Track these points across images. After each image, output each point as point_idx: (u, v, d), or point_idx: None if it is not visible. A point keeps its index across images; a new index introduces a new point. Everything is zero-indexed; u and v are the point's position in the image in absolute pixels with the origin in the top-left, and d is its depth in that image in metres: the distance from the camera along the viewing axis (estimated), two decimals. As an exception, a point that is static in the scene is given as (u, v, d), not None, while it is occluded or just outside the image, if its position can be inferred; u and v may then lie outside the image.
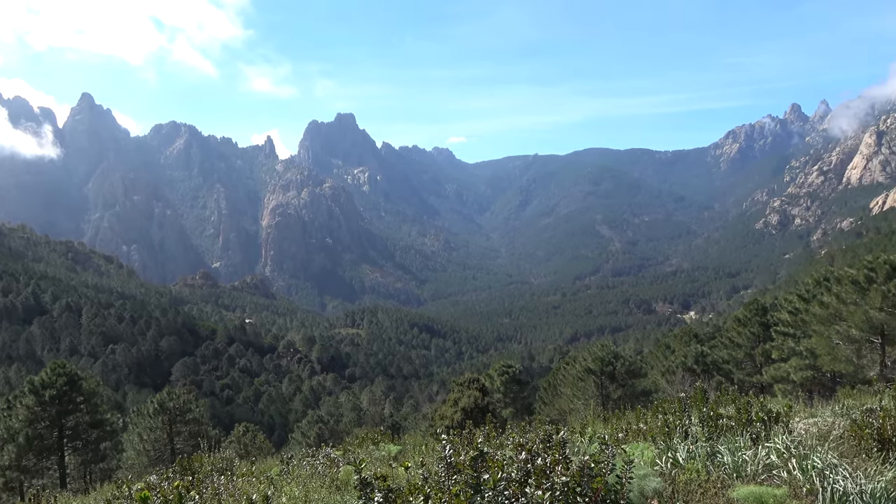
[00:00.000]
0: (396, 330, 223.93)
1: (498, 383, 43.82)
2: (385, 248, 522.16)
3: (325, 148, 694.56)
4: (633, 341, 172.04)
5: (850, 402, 11.16)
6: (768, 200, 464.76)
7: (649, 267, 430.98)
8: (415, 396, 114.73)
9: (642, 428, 8.74)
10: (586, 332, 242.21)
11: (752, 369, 36.44)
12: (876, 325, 25.23)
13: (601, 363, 36.57)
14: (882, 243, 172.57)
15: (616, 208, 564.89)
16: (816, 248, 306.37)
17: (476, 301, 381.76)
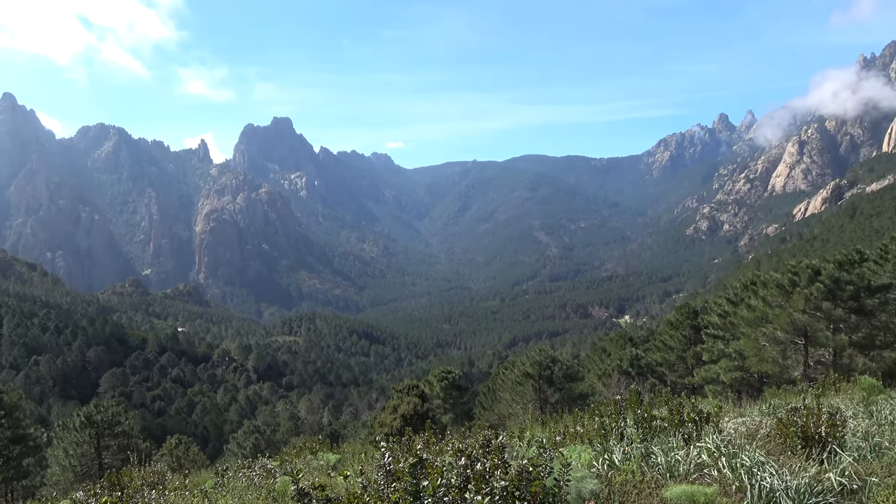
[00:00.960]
0: (335, 337, 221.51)
1: (437, 389, 43.78)
2: (323, 254, 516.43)
3: (261, 152, 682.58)
4: (571, 345, 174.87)
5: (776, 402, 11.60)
6: (698, 207, 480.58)
7: (586, 272, 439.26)
8: (354, 404, 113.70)
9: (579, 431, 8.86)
10: (525, 336, 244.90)
11: (685, 371, 37.51)
12: (799, 326, 26.33)
13: (539, 367, 36.97)
14: (804, 248, 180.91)
15: (553, 214, 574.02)
16: (744, 253, 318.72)
17: (416, 307, 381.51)
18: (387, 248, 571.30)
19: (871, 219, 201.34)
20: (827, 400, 10.84)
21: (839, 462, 6.03)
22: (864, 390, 11.74)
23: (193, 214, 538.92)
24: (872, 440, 7.13)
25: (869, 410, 9.38)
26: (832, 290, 25.89)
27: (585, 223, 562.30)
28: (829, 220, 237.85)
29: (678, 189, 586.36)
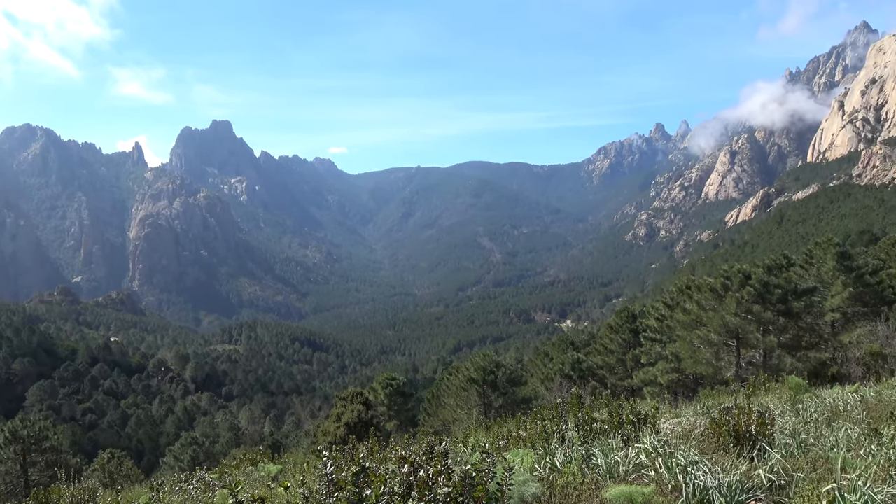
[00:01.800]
0: (277, 345, 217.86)
1: (382, 396, 43.54)
2: (264, 260, 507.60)
3: (199, 156, 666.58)
4: (514, 350, 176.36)
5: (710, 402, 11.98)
6: (636, 213, 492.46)
7: (528, 277, 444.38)
8: (297, 413, 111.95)
9: (522, 435, 8.97)
10: (469, 342, 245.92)
11: (624, 374, 38.34)
12: (732, 329, 27.27)
13: (483, 372, 37.19)
14: (736, 254, 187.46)
15: (497, 220, 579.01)
16: (679, 259, 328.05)
17: (360, 313, 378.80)
18: (330, 254, 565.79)
19: (797, 225, 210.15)
20: (757, 399, 11.26)
21: (768, 459, 6.28)
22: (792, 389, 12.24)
23: (127, 220, 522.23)
24: (799, 437, 7.45)
25: (796, 409, 9.78)
26: (762, 294, 26.90)
27: (528, 229, 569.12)
28: (759, 226, 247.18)
29: (617, 196, 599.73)
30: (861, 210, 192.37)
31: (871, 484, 5.23)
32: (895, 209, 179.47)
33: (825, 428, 8.10)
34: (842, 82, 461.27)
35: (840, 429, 7.73)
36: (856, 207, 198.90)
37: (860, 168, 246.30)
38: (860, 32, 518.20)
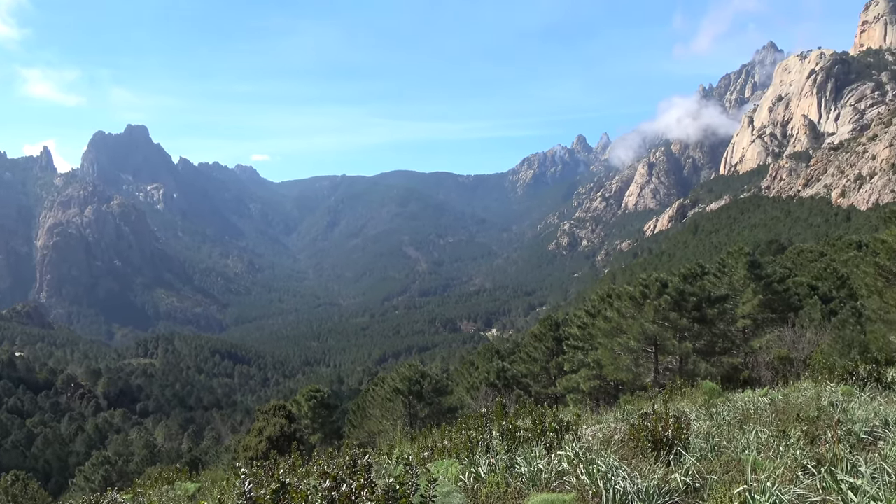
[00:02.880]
0: (196, 358, 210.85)
1: (306, 409, 42.75)
2: (183, 270, 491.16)
3: (113, 162, 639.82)
4: (440, 359, 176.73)
5: (630, 408, 12.29)
6: (559, 223, 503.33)
7: (454, 287, 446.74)
8: (217, 428, 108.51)
9: (447, 445, 8.94)
10: (395, 352, 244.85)
11: (548, 381, 38.92)
12: (650, 336, 28.12)
13: (409, 383, 37.03)
14: (654, 263, 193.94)
15: (422, 230, 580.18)
16: (601, 268, 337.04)
17: (283, 324, 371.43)
18: (252, 263, 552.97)
19: (710, 235, 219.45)
20: (674, 405, 11.63)
21: (684, 463, 6.46)
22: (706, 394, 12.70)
23: (34, 228, 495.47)
24: (713, 440, 7.72)
25: (710, 412, 10.14)
26: (678, 302, 27.88)
27: (454, 239, 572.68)
28: (676, 236, 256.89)
29: (541, 206, 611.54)
30: (769, 221, 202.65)
31: (778, 484, 5.46)
32: (800, 220, 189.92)
33: (737, 431, 8.42)
34: (751, 99, 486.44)
35: (751, 431, 8.05)
36: (765, 218, 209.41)
37: (768, 181, 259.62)
38: (768, 52, 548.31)
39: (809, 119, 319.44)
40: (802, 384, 13.70)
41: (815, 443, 7.23)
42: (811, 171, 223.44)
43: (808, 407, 9.62)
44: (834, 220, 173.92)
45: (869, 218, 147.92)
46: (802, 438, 7.34)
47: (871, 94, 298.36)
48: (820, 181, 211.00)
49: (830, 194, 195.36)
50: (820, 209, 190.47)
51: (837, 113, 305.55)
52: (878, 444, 7.43)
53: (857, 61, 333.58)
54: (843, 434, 7.40)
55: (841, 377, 12.35)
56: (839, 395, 10.84)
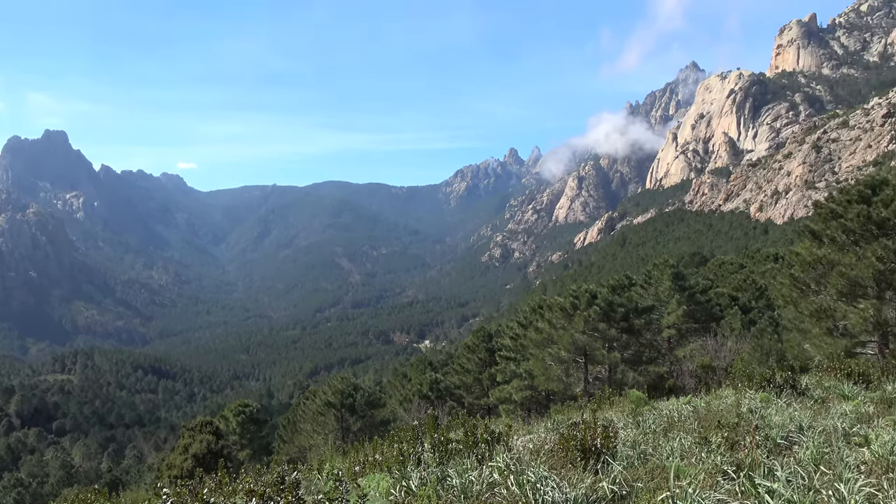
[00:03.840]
0: (117, 373, 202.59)
1: (234, 424, 41.68)
2: (104, 282, 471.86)
3: (29, 168, 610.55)
4: (373, 372, 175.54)
5: (560, 418, 12.46)
6: (492, 235, 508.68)
7: (387, 298, 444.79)
8: (139, 446, 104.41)
9: (378, 459, 8.86)
10: (327, 365, 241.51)
11: (481, 392, 39.13)
12: (580, 346, 28.65)
13: (341, 396, 36.60)
14: (584, 274, 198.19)
15: (355, 241, 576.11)
16: (532, 279, 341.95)
17: (210, 338, 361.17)
18: (178, 275, 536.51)
19: (637, 247, 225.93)
20: (602, 413, 11.87)
21: (611, 471, 6.59)
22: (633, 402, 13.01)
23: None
24: (639, 448, 7.91)
25: (637, 421, 10.38)
26: (607, 313, 28.53)
27: (387, 250, 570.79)
28: (605, 248, 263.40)
29: (474, 218, 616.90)
30: (693, 234, 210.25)
31: (700, 490, 5.64)
32: (722, 233, 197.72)
33: (662, 438, 8.64)
34: (675, 116, 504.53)
35: (675, 438, 8.28)
36: (688, 231, 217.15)
37: (692, 195, 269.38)
38: (690, 71, 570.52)
39: (729, 136, 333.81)
40: (723, 391, 14.20)
41: (734, 448, 7.50)
42: (731, 187, 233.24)
43: (728, 414, 9.98)
44: (752, 234, 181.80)
45: (785, 231, 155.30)
46: (723, 444, 7.60)
47: (786, 113, 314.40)
48: (740, 196, 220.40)
49: (749, 209, 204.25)
50: (740, 223, 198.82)
51: (755, 131, 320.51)
52: (793, 448, 7.77)
53: (773, 82, 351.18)
54: (760, 439, 7.70)
55: (759, 384, 12.85)
56: (758, 401, 11.29)
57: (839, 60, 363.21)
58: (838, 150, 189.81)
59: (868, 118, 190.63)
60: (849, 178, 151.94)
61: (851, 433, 8.50)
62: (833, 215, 20.90)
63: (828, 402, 11.47)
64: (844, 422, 9.02)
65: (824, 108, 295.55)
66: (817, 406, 11.04)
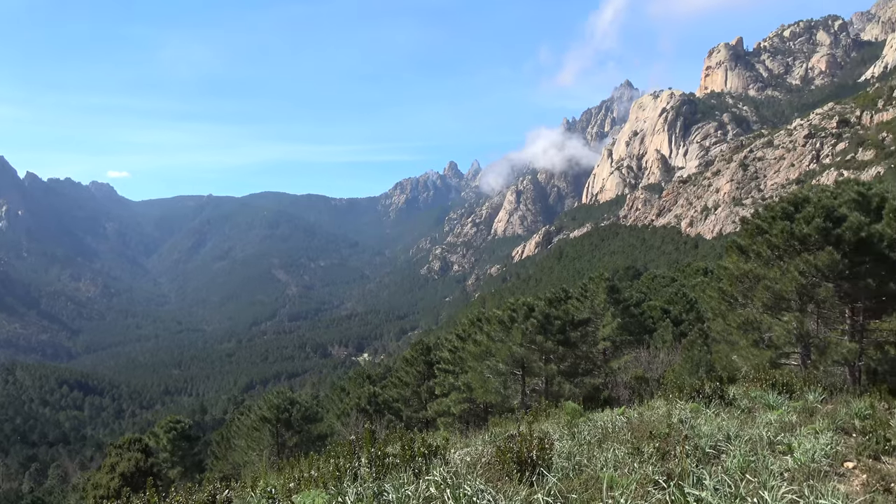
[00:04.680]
0: (40, 389, 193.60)
1: (164, 441, 40.36)
2: (27, 294, 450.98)
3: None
4: (310, 385, 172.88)
5: (497, 430, 12.53)
6: (431, 248, 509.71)
7: (326, 311, 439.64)
8: (63, 466, 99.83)
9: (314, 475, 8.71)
10: (263, 379, 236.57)
11: (419, 406, 39.02)
12: (518, 358, 28.93)
13: (277, 410, 35.87)
14: (522, 287, 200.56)
15: (293, 253, 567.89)
16: (471, 292, 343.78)
17: (140, 352, 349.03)
18: (107, 287, 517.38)
19: (574, 261, 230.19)
20: (539, 426, 11.99)
21: (546, 483, 6.66)
22: (569, 414, 13.19)
23: None
24: (574, 459, 8.01)
25: (572, 432, 10.52)
26: (544, 325, 28.90)
27: (325, 262, 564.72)
28: (542, 261, 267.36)
29: (413, 231, 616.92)
30: (627, 248, 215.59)
31: (631, 500, 5.75)
32: (654, 247, 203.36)
33: (597, 449, 8.79)
34: (610, 133, 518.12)
35: (609, 449, 8.43)
36: (623, 245, 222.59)
37: (626, 210, 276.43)
38: (625, 89, 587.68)
39: (662, 154, 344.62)
40: (656, 402, 14.54)
41: (665, 458, 7.69)
42: (663, 203, 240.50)
43: (660, 424, 10.22)
44: (683, 248, 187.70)
45: (714, 246, 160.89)
46: (655, 454, 7.79)
47: (714, 132, 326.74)
48: (671, 212, 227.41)
49: (680, 224, 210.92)
50: (671, 237, 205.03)
51: (686, 149, 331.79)
52: (720, 457, 8.02)
53: (703, 102, 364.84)
54: (690, 449, 7.92)
55: (689, 395, 13.22)
56: (688, 412, 11.61)
57: (764, 83, 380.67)
58: (764, 168, 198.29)
59: (791, 138, 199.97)
60: (773, 195, 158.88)
61: (776, 442, 8.83)
62: (759, 231, 21.75)
63: (754, 412, 11.89)
64: (769, 431, 9.36)
65: (750, 128, 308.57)
66: (744, 416, 11.42)
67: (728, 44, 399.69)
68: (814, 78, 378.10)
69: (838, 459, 8.30)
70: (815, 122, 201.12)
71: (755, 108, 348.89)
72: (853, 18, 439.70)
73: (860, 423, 10.03)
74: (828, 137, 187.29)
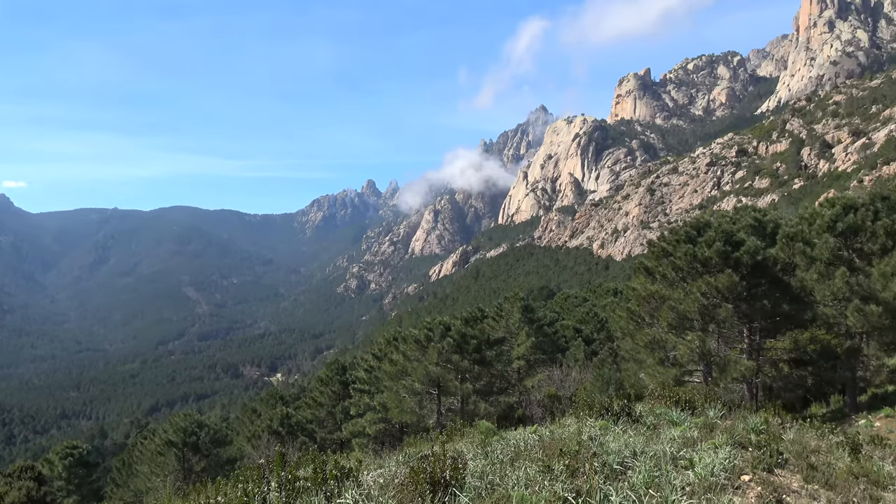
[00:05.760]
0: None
1: (60, 468, 38.06)
2: None
3: None
4: (220, 407, 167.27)
5: (411, 450, 12.46)
6: (348, 266, 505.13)
7: (238, 330, 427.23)
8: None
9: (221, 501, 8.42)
10: (169, 401, 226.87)
11: (334, 427, 38.40)
12: (434, 378, 28.96)
13: (184, 434, 34.51)
14: (439, 306, 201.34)
15: (204, 270, 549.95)
16: (388, 311, 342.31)
17: (35, 373, 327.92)
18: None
19: (490, 280, 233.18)
20: (453, 445, 12.02)
21: (459, 502, 6.68)
22: (483, 433, 13.28)
23: None
24: (487, 479, 8.08)
25: (485, 451, 10.60)
26: (460, 344, 29.11)
27: (239, 280, 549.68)
28: (459, 281, 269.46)
29: (330, 248, 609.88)
30: (541, 268, 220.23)
31: (542, 518, 5.85)
32: (567, 268, 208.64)
33: (509, 468, 8.88)
34: (526, 156, 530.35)
35: (521, 468, 8.54)
36: (537, 266, 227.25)
37: (540, 231, 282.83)
38: (540, 113, 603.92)
39: (575, 177, 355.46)
40: (567, 420, 14.83)
41: (575, 475, 7.86)
42: (576, 224, 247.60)
43: (570, 442, 10.44)
44: (595, 269, 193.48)
45: (623, 267, 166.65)
46: (565, 472, 7.94)
47: (624, 158, 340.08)
48: (584, 233, 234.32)
49: (592, 245, 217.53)
50: (584, 258, 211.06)
51: (598, 173, 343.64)
52: (627, 473, 8.26)
53: (614, 129, 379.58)
54: (598, 466, 8.12)
55: (599, 412, 13.56)
56: (597, 429, 11.90)
57: (670, 112, 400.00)
58: (669, 193, 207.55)
59: (694, 165, 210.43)
60: (678, 219, 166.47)
61: (678, 457, 9.17)
62: (664, 254, 22.72)
63: (659, 428, 12.31)
64: (672, 446, 9.71)
65: (657, 155, 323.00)
66: (650, 432, 11.81)
67: (637, 74, 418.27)
68: (715, 109, 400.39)
69: (735, 473, 8.71)
70: (716, 151, 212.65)
71: (662, 136, 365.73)
72: (750, 55, 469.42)
73: (756, 438, 10.55)
74: (728, 166, 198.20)
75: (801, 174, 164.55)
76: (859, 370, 22.98)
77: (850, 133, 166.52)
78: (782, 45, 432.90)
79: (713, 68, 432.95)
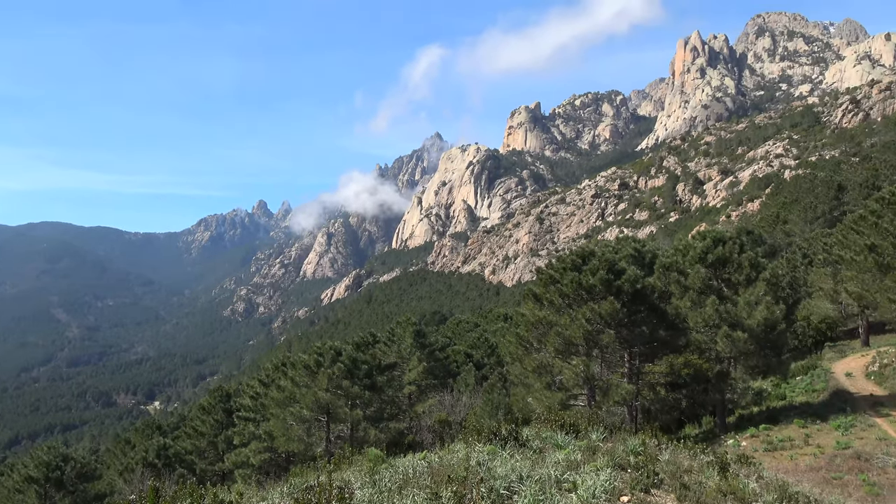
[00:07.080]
0: None
1: None
2: None
3: None
4: (90, 439, 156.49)
5: (297, 481, 12.08)
6: (236, 289, 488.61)
7: (112, 355, 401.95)
8: None
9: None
10: (32, 433, 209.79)
11: (215, 457, 36.72)
12: (323, 404, 28.35)
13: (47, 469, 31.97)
14: (330, 331, 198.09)
15: (76, 290, 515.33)
16: (277, 335, 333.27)
17: None
18: None
19: (383, 305, 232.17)
20: (340, 474, 11.75)
21: (345, 535, 6.52)
22: (371, 461, 13.08)
23: None
24: (374, 508, 7.94)
25: (374, 480, 10.44)
26: (351, 370, 28.71)
27: (115, 301, 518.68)
28: (352, 305, 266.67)
29: (217, 270, 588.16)
30: (434, 293, 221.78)
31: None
32: (460, 293, 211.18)
33: (397, 496, 8.78)
34: (421, 181, 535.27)
35: (409, 496, 8.46)
36: (430, 291, 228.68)
37: (434, 257, 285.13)
38: (435, 140, 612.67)
39: (468, 204, 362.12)
40: (456, 446, 14.87)
41: (462, 502, 7.87)
42: (469, 251, 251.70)
43: (458, 467, 10.45)
44: (487, 294, 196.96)
45: (514, 293, 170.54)
46: (452, 498, 7.94)
47: (515, 187, 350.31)
48: (476, 259, 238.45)
49: (484, 271, 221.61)
50: (476, 284, 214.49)
51: (490, 201, 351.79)
52: (513, 497, 8.37)
53: (506, 158, 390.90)
54: (485, 491, 8.18)
55: (488, 437, 13.69)
56: (485, 454, 12.00)
57: (558, 145, 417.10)
58: (557, 222, 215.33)
59: (581, 196, 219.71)
60: (565, 247, 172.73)
61: (562, 480, 9.39)
62: (552, 280, 23.45)
63: (545, 452, 12.57)
64: (557, 470, 9.94)
65: (546, 185, 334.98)
66: (536, 456, 12.03)
67: (528, 107, 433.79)
68: (600, 144, 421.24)
69: (615, 494, 9.01)
70: (600, 184, 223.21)
71: (551, 167, 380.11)
72: (632, 95, 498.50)
73: (634, 459, 10.98)
74: (611, 198, 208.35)
75: (676, 208, 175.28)
76: (728, 393, 24.53)
77: (720, 171, 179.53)
78: (660, 87, 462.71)
79: (598, 105, 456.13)
